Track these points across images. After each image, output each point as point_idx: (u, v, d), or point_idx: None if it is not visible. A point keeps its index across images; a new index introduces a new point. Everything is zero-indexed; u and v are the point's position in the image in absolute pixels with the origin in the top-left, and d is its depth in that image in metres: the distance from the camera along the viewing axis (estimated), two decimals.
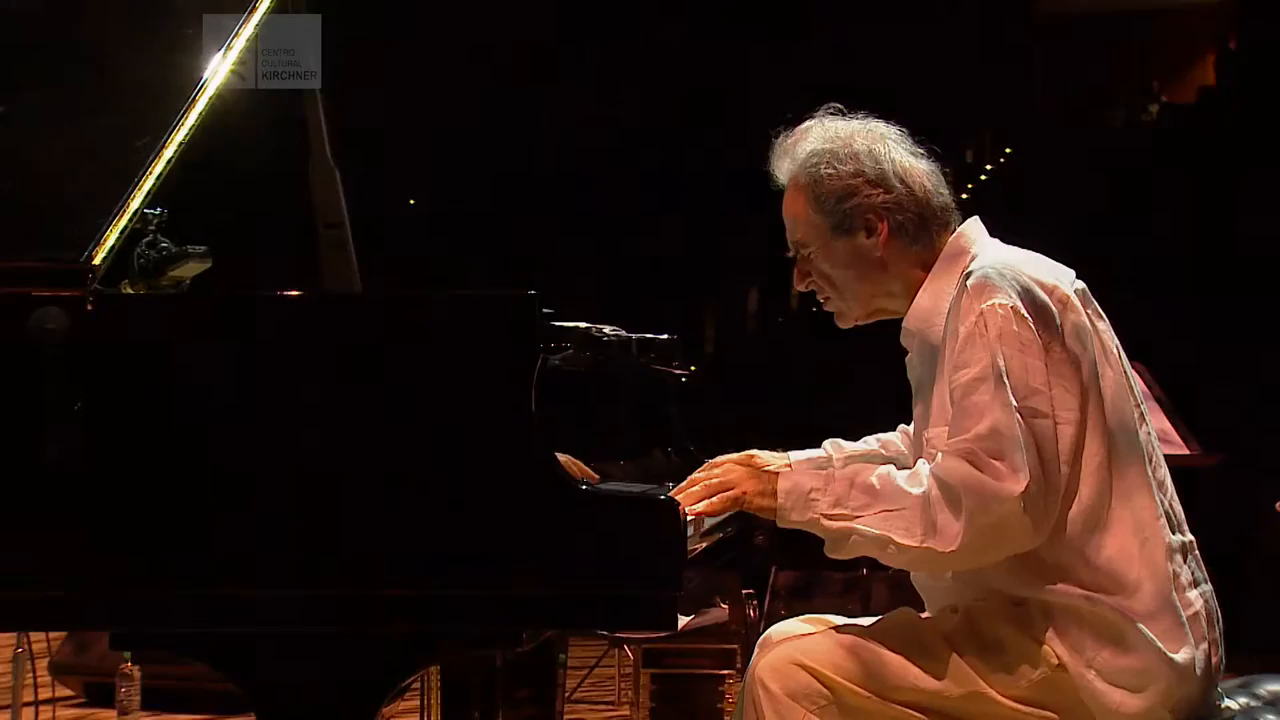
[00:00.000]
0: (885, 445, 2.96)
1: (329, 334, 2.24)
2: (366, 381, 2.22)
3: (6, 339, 2.23)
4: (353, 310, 2.30)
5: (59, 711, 5.52)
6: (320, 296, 2.32)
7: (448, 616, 2.18)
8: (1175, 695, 2.53)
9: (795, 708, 2.54)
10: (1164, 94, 17.65)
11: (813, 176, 2.72)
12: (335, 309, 2.28)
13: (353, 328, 2.26)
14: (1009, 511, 2.46)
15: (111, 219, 2.30)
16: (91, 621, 2.43)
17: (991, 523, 2.46)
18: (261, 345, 2.24)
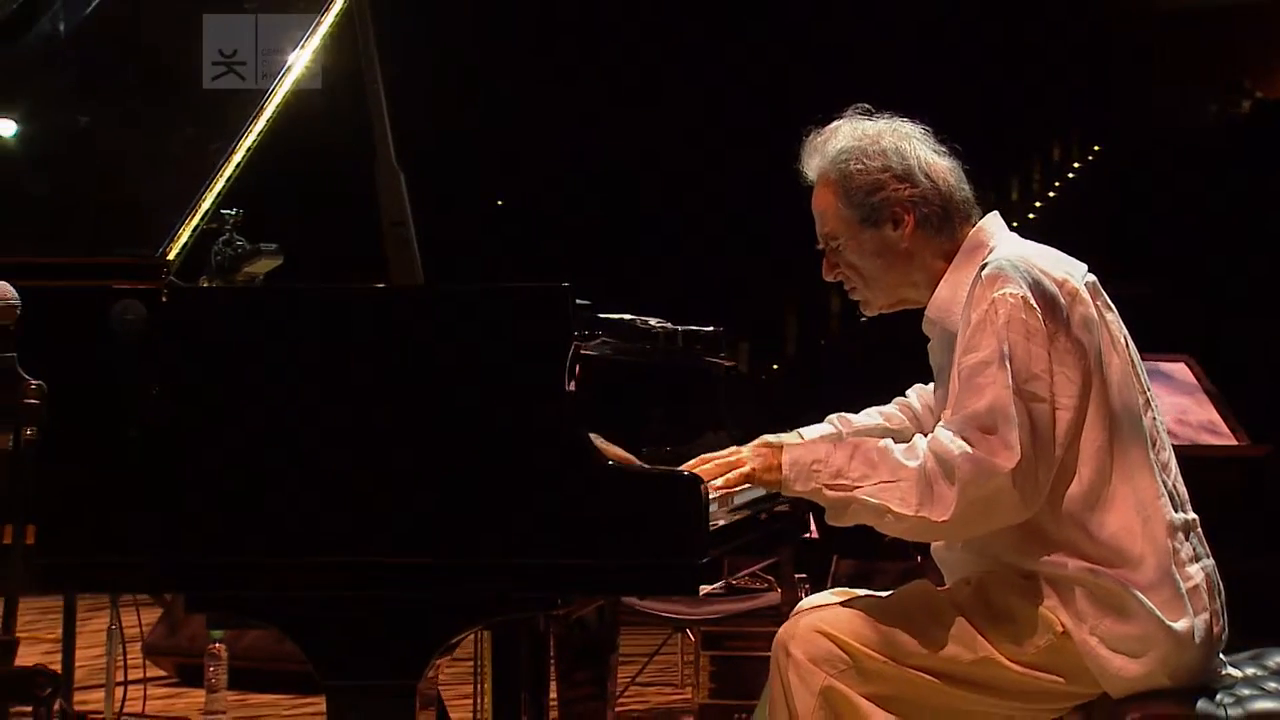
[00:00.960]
0: (888, 419, 3.14)
1: (379, 323, 2.45)
2: (415, 367, 2.43)
3: (91, 327, 2.45)
4: (403, 301, 2.51)
5: (151, 690, 5.81)
6: (369, 290, 2.51)
7: (487, 582, 2.38)
8: (1173, 661, 2.69)
9: (816, 672, 2.72)
10: (1257, 89, 17.60)
11: (842, 172, 2.89)
12: (386, 301, 2.49)
13: (404, 317, 2.47)
14: (999, 486, 2.63)
15: (184, 218, 2.52)
16: (171, 586, 2.64)
17: (982, 495, 2.63)
18: (317, 334, 2.45)
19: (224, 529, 2.45)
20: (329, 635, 2.44)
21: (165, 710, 5.62)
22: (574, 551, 2.36)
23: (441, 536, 2.39)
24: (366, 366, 2.43)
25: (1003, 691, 2.75)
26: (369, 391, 2.42)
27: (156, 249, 2.48)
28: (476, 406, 2.40)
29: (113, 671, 4.72)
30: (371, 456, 2.40)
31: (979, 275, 2.79)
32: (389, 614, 2.41)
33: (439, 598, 2.40)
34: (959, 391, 2.73)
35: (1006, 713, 2.79)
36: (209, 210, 2.60)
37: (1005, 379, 2.67)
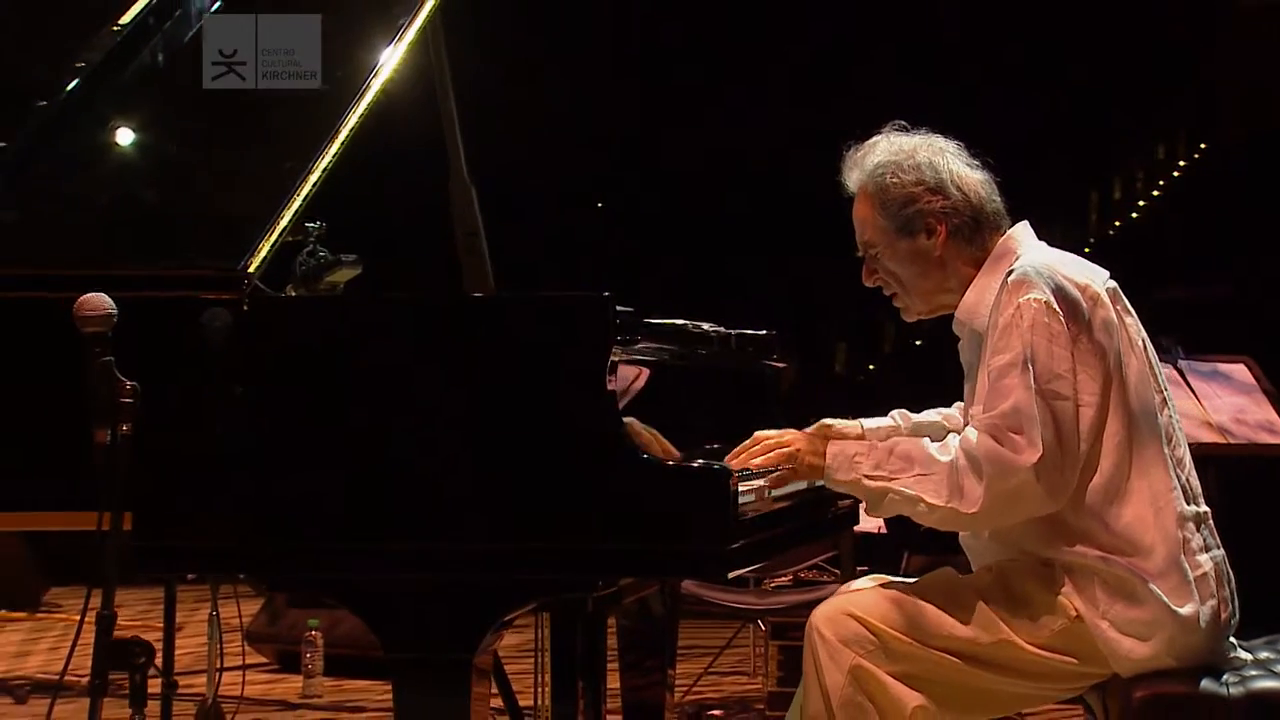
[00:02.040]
0: (948, 419, 3.32)
1: (437, 330, 2.69)
2: (469, 370, 2.66)
3: (181, 333, 2.71)
4: (460, 310, 2.75)
5: (253, 676, 6.12)
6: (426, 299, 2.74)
7: (532, 565, 2.61)
8: (1180, 644, 2.87)
9: (845, 651, 2.92)
10: None
11: (879, 185, 3.09)
12: (442, 309, 2.73)
13: (460, 325, 2.71)
14: (1024, 481, 2.82)
15: (264, 233, 2.77)
16: (254, 569, 2.89)
17: (1008, 489, 2.82)
18: (379, 340, 2.70)
19: (299, 517, 2.69)
20: (393, 613, 2.68)
21: (265, 695, 5.93)
22: (612, 537, 2.59)
23: (491, 523, 2.62)
24: (425, 370, 2.67)
25: (1020, 671, 2.94)
26: (427, 393, 2.66)
27: (238, 262, 2.72)
28: (524, 406, 2.63)
29: (214, 657, 5.01)
30: (430, 451, 2.64)
31: (1005, 281, 2.98)
32: (445, 594, 2.64)
33: (490, 579, 2.63)
34: (988, 392, 2.92)
35: (1024, 691, 2.99)
36: (288, 225, 2.84)
37: (1029, 380, 2.86)
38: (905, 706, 2.91)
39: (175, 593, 4.14)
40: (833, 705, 2.91)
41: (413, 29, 3.24)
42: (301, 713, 5.64)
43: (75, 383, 2.60)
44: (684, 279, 10.30)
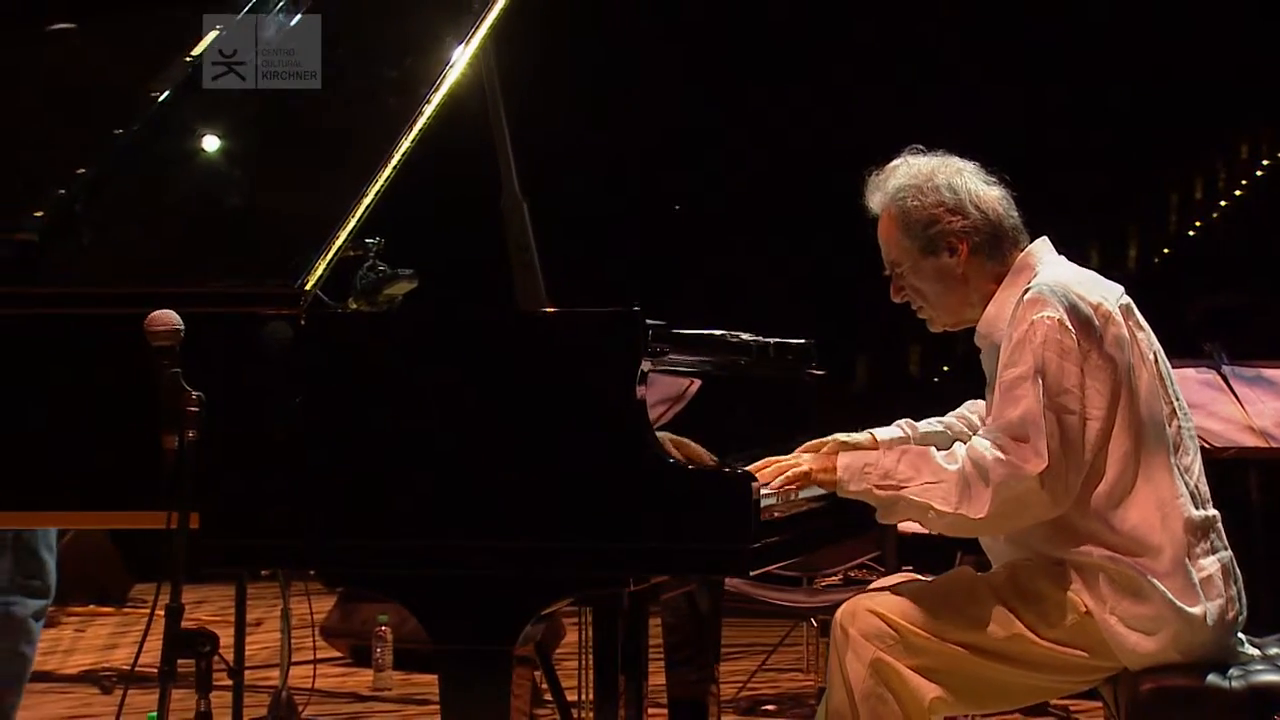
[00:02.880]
0: (948, 426, 3.48)
1: (478, 342, 2.89)
2: (509, 379, 2.85)
3: (244, 346, 2.92)
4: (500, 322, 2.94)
5: (327, 669, 6.36)
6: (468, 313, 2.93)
7: (566, 562, 2.80)
8: (1185, 639, 3.02)
9: (867, 646, 3.09)
10: None
11: (901, 208, 3.25)
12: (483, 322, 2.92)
13: (501, 337, 2.90)
14: (1029, 488, 2.97)
15: (321, 252, 2.97)
16: (310, 564, 3.09)
17: (1014, 495, 2.98)
18: (422, 351, 2.90)
19: (352, 517, 2.89)
20: (438, 606, 2.88)
21: (338, 687, 6.16)
22: (639, 536, 2.77)
23: (528, 523, 2.81)
24: (466, 379, 2.86)
25: (1033, 664, 3.09)
26: (468, 401, 2.85)
27: (296, 279, 2.93)
28: (559, 413, 2.82)
29: (286, 651, 5.24)
30: (470, 455, 2.83)
31: (1021, 298, 3.13)
32: (486, 588, 2.83)
33: (527, 574, 2.83)
34: (998, 402, 3.08)
35: (1037, 683, 3.15)
36: (345, 242, 3.04)
37: (1038, 393, 3.01)
38: (924, 697, 3.07)
39: (246, 589, 4.36)
40: (855, 697, 3.08)
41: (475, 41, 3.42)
42: (371, 705, 5.86)
43: (147, 392, 2.80)
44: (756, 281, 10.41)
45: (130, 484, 2.91)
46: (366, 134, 3.28)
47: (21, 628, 4.24)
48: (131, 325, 2.79)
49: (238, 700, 4.31)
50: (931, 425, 3.53)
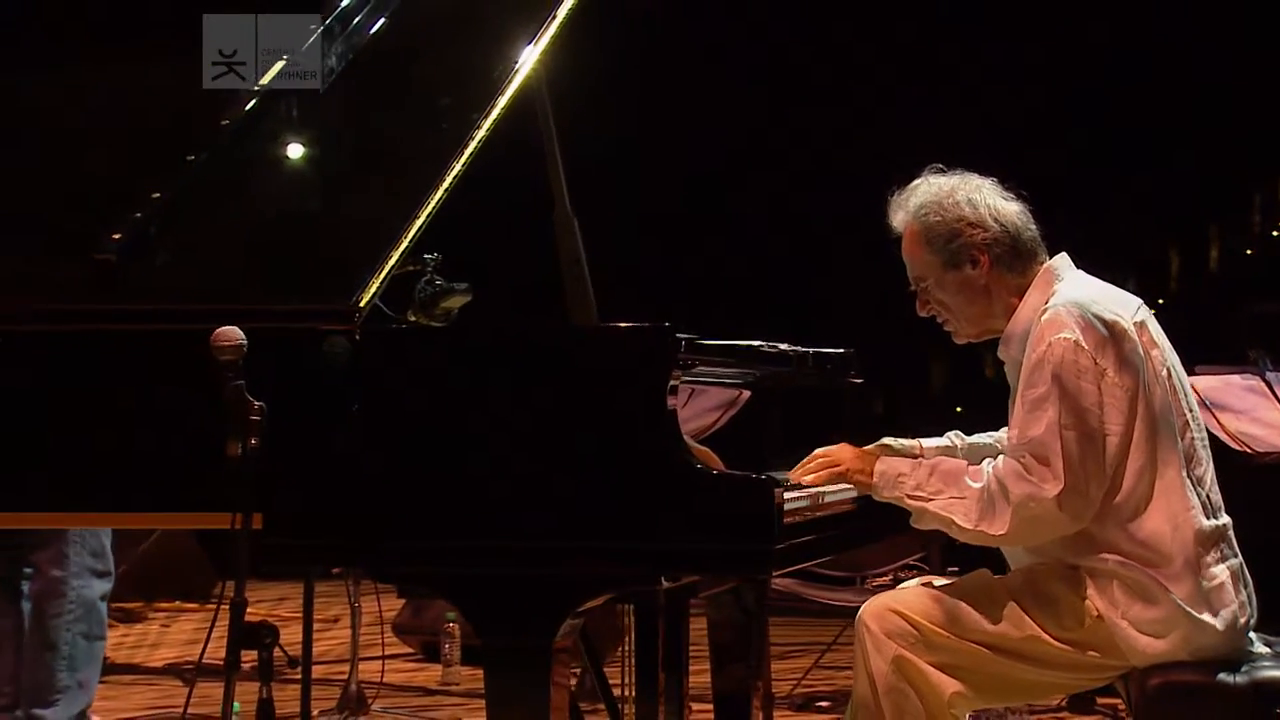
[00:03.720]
0: (999, 440, 3.62)
1: (517, 355, 3.08)
2: (549, 390, 3.04)
3: (303, 359, 3.13)
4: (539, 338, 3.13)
5: (399, 664, 6.60)
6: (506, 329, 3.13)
7: (601, 562, 2.99)
8: (1194, 642, 3.17)
9: (889, 643, 3.25)
10: None
11: (924, 224, 3.41)
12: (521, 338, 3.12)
13: (539, 351, 3.09)
14: (1047, 509, 3.13)
15: (374, 272, 3.18)
16: (363, 562, 3.29)
17: (1031, 515, 3.14)
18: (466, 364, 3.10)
19: (402, 518, 3.09)
20: (483, 603, 3.07)
21: (409, 681, 6.39)
22: (669, 538, 2.96)
23: (566, 525, 3.00)
24: (509, 391, 3.05)
25: (1048, 663, 3.25)
26: (510, 410, 3.04)
27: (350, 297, 3.13)
28: (595, 422, 3.01)
29: (355, 646, 5.48)
30: (512, 461, 3.02)
31: (1039, 318, 3.29)
32: (527, 586, 3.02)
33: (565, 573, 3.02)
34: (1021, 421, 3.23)
35: (1051, 680, 3.31)
36: (398, 260, 3.24)
37: (1056, 414, 3.16)
38: (944, 693, 3.24)
39: (313, 587, 4.59)
40: (878, 691, 3.25)
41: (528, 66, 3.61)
42: (439, 698, 6.08)
43: (213, 402, 3.01)
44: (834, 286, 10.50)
45: (197, 487, 3.11)
46: (421, 156, 3.46)
47: (94, 608, 4.50)
48: (199, 340, 3.00)
49: (305, 692, 4.54)
50: (982, 438, 3.67)
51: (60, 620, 4.42)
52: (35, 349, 3.28)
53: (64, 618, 4.43)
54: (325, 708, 5.50)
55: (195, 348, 3.01)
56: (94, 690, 4.60)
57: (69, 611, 4.43)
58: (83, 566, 4.45)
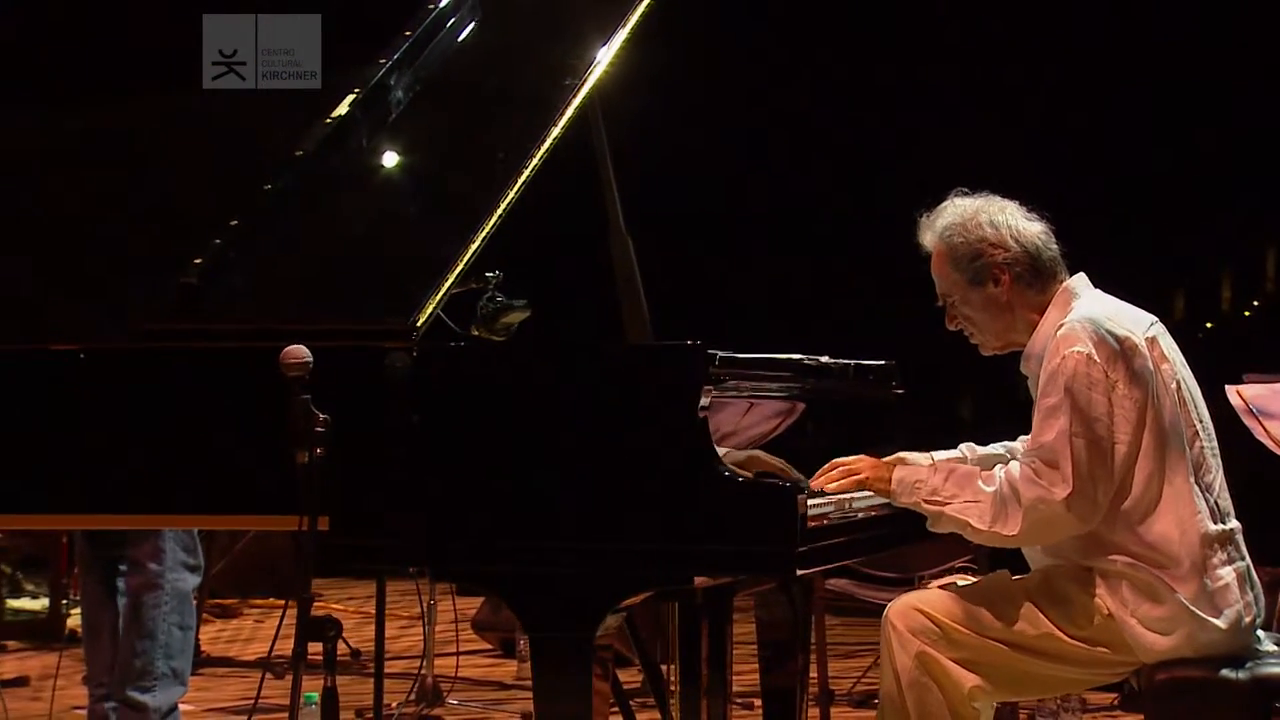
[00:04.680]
0: (1010, 450, 3.83)
1: (560, 371, 3.33)
2: (590, 404, 3.29)
3: (367, 375, 3.39)
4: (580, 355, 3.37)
5: (478, 660, 6.88)
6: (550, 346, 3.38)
7: (635, 561, 3.23)
8: (1199, 639, 3.36)
9: (913, 640, 3.47)
10: None
11: (949, 244, 3.62)
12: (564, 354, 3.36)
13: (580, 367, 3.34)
14: (1056, 511, 3.34)
15: (431, 293, 3.44)
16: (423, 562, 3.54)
17: (1042, 517, 3.34)
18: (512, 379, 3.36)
19: (457, 522, 3.35)
20: (530, 600, 3.32)
21: (486, 676, 6.66)
22: (698, 540, 3.19)
23: (605, 528, 3.24)
24: (553, 402, 3.31)
25: (1062, 659, 3.46)
26: (555, 421, 3.30)
27: (410, 317, 3.40)
28: (632, 433, 3.25)
29: (430, 642, 5.76)
30: (556, 469, 3.27)
31: (1055, 332, 3.49)
32: (571, 585, 3.27)
33: (606, 573, 3.26)
34: (1035, 428, 3.45)
35: (1066, 675, 3.51)
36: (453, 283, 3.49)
37: (1067, 422, 3.37)
38: (964, 686, 3.45)
39: (385, 585, 4.87)
40: (902, 685, 3.48)
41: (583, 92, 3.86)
42: (513, 693, 6.33)
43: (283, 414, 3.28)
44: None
45: (269, 492, 3.38)
46: (477, 185, 3.71)
47: (186, 600, 4.82)
48: (271, 357, 3.27)
49: (379, 684, 4.82)
50: (994, 449, 3.87)
51: (158, 611, 4.73)
52: (127, 364, 3.58)
53: (161, 609, 4.74)
54: (403, 700, 5.80)
55: (267, 364, 3.28)
56: (188, 680, 4.91)
57: (165, 603, 4.74)
58: (176, 561, 4.76)
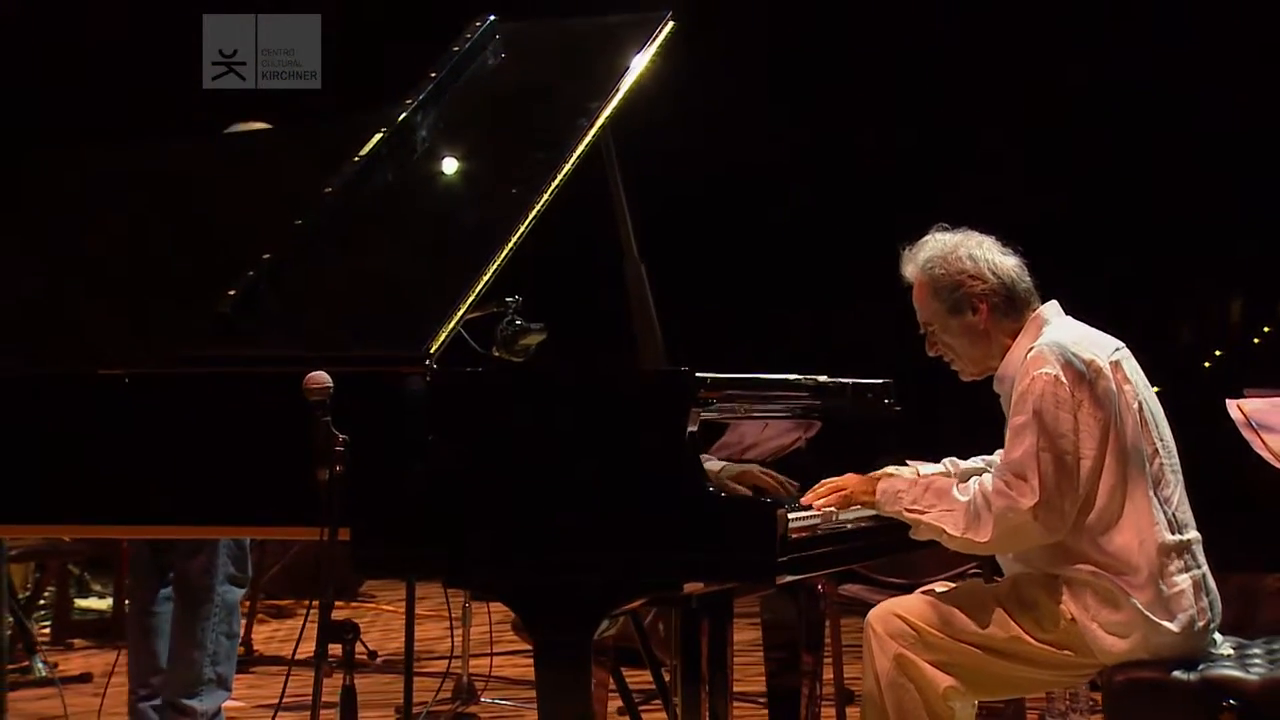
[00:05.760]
0: (989, 464, 4.08)
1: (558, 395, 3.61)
2: (588, 425, 3.56)
3: (388, 398, 3.68)
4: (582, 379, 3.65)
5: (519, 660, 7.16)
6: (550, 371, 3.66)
7: (628, 570, 3.50)
8: (1153, 643, 3.61)
9: (891, 643, 3.74)
10: None
11: (930, 275, 3.89)
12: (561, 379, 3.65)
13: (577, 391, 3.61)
14: (1024, 520, 3.59)
15: (443, 323, 3.71)
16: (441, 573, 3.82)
17: (1011, 526, 3.61)
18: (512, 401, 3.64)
19: (468, 534, 3.63)
20: (534, 606, 3.61)
21: (524, 676, 6.94)
22: (685, 551, 3.46)
23: (600, 540, 3.52)
24: (553, 424, 3.59)
25: (1030, 661, 3.72)
26: (555, 440, 3.57)
27: (423, 345, 3.68)
28: (625, 454, 3.52)
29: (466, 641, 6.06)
30: (556, 486, 3.55)
31: (1026, 355, 3.75)
32: (570, 592, 3.54)
33: (602, 581, 3.53)
34: (1006, 445, 3.71)
35: (1034, 676, 3.78)
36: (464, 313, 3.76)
37: (1035, 439, 3.63)
38: (939, 686, 3.72)
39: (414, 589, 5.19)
40: (882, 685, 3.75)
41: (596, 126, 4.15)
42: None
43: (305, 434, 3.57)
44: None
45: (295, 505, 3.66)
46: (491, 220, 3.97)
47: (234, 611, 5.17)
48: (296, 382, 3.56)
49: (408, 683, 5.14)
50: (974, 463, 4.13)
51: (208, 622, 5.07)
52: (167, 387, 3.89)
53: (211, 620, 5.08)
54: (442, 697, 6.10)
55: (293, 387, 3.56)
56: (232, 685, 5.24)
57: (215, 614, 5.08)
58: (226, 574, 5.11)
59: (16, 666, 7.05)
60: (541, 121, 4.36)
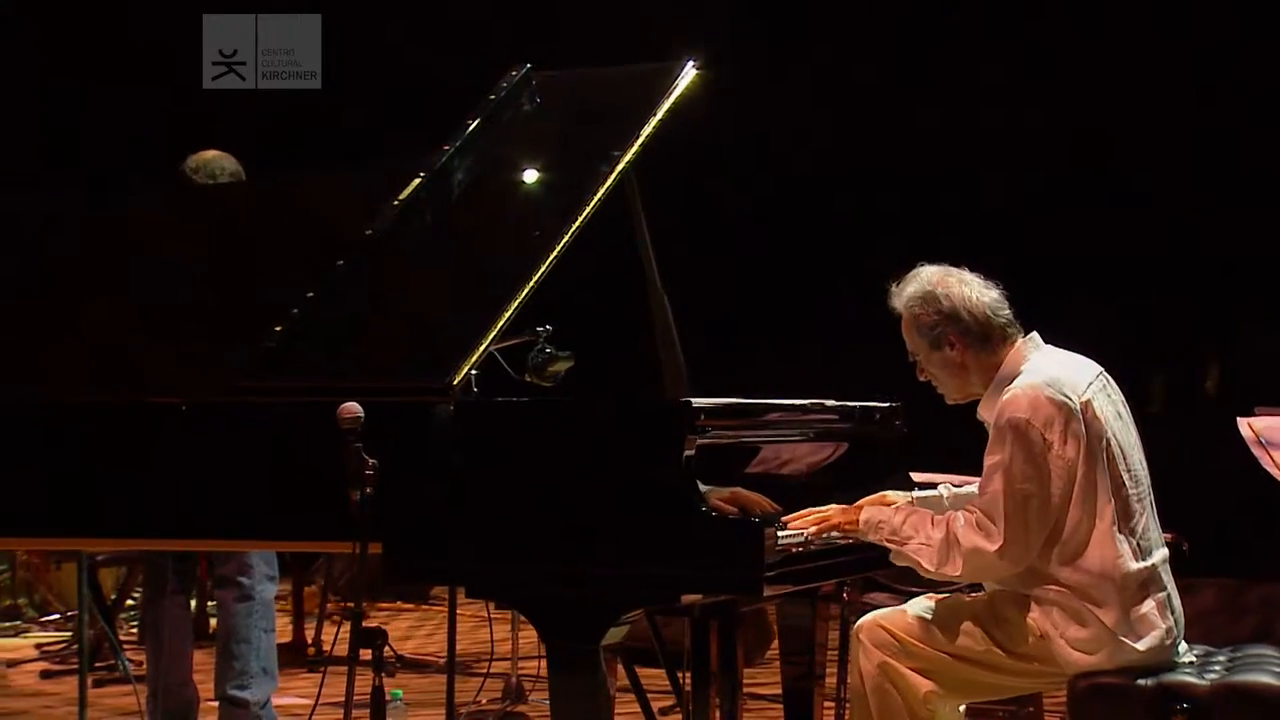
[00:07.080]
0: None
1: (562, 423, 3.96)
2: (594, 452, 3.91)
3: (414, 425, 4.05)
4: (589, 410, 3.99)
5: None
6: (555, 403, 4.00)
7: (628, 582, 3.84)
8: (1118, 658, 3.90)
9: (876, 652, 4.06)
10: None
11: (912, 313, 4.18)
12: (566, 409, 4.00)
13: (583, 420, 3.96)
14: (990, 559, 3.90)
15: (466, 355, 4.07)
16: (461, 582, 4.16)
17: (978, 565, 3.93)
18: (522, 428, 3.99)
19: (488, 549, 3.99)
20: (548, 615, 3.95)
21: None
22: (681, 566, 3.79)
23: (606, 555, 3.86)
24: (563, 450, 3.93)
25: (1002, 670, 4.03)
26: (565, 465, 3.92)
27: (446, 376, 4.04)
28: (628, 478, 3.86)
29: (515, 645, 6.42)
30: (567, 507, 3.89)
31: (1003, 395, 4.03)
32: (579, 603, 3.89)
33: (608, 593, 3.87)
34: (981, 480, 4.01)
35: (1006, 683, 4.09)
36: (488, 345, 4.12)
37: (1003, 482, 3.92)
38: (920, 691, 4.03)
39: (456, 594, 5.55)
40: (867, 688, 4.06)
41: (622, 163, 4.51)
42: None
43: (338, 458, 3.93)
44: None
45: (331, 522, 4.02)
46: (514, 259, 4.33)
47: (270, 607, 5.60)
48: (330, 411, 3.93)
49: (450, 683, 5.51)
50: (970, 487, 4.42)
51: (251, 619, 5.49)
52: (218, 415, 4.28)
53: (253, 617, 5.49)
54: (493, 697, 6.47)
55: (330, 416, 3.93)
56: (277, 676, 5.65)
57: (256, 611, 5.49)
58: (262, 574, 5.53)
59: (104, 665, 7.54)
60: (567, 165, 4.72)
